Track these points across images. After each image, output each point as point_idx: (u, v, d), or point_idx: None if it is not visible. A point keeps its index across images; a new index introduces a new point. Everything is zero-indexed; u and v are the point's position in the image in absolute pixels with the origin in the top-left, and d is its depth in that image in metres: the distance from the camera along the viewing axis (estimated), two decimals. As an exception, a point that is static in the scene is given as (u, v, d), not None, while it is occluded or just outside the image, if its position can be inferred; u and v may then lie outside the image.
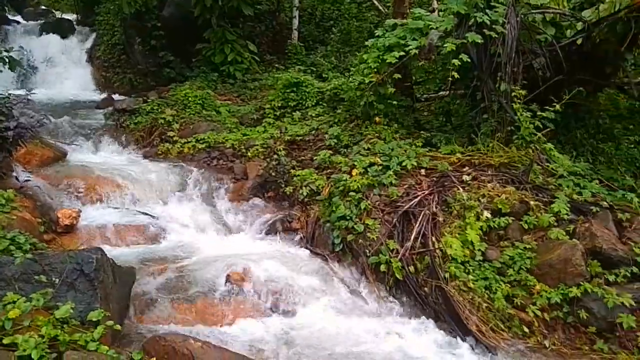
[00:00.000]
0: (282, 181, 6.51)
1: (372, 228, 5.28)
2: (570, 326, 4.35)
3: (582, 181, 5.76)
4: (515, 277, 4.63)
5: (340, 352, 3.99)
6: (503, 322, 4.39)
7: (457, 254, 4.85)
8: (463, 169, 5.94)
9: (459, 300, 4.50)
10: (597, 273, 4.51)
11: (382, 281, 4.98)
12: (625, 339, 4.19)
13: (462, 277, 4.68)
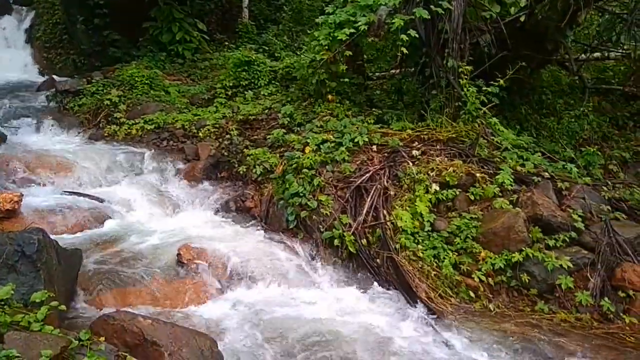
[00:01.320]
0: (235, 161, 6.45)
1: (325, 204, 5.33)
2: (513, 289, 4.57)
3: (525, 154, 6.01)
4: (462, 246, 4.81)
5: (297, 325, 4.03)
6: (451, 288, 4.57)
7: (407, 226, 4.98)
8: (413, 144, 6.07)
9: (409, 269, 4.64)
10: (538, 239, 4.74)
11: (336, 255, 5.06)
12: (564, 299, 4.45)
13: (412, 247, 4.82)
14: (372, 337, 3.97)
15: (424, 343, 3.94)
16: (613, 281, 4.45)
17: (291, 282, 4.59)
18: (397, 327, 4.15)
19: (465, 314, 4.32)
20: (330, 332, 3.95)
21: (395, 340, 3.94)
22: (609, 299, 4.32)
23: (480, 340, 3.96)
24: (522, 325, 4.17)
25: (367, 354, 3.75)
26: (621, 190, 5.92)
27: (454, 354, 3.81)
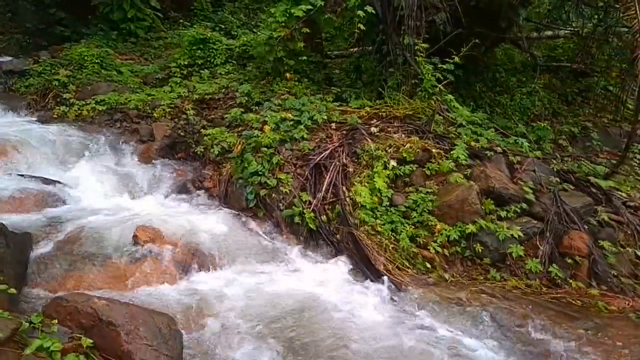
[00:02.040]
0: (192, 141, 6.34)
1: (284, 182, 5.33)
2: (467, 259, 4.73)
3: (479, 129, 6.17)
4: (419, 219, 4.92)
5: (259, 302, 4.03)
6: (408, 260, 4.68)
7: (366, 201, 5.05)
8: (371, 121, 6.13)
9: (367, 243, 4.71)
10: (490, 210, 4.91)
11: (297, 232, 5.08)
12: (515, 267, 4.63)
13: (370, 222, 4.89)
14: (334, 310, 4.02)
15: (383, 314, 4.03)
16: (561, 248, 4.66)
17: (251, 261, 4.59)
18: (357, 299, 4.22)
19: (422, 285, 4.43)
20: (292, 308, 3.98)
21: (356, 312, 4.01)
22: (557, 266, 4.54)
23: (436, 309, 4.08)
24: (476, 293, 4.31)
25: (329, 326, 3.80)
26: (569, 163, 6.20)
27: (412, 323, 3.92)
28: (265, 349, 3.45)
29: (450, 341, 3.63)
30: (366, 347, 3.55)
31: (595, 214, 5.01)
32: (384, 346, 3.58)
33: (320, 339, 3.57)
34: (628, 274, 4.58)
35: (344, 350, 3.49)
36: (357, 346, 3.56)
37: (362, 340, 3.64)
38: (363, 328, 3.80)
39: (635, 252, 4.78)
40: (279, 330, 3.65)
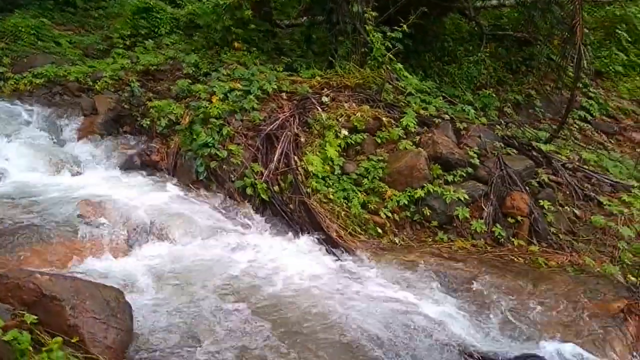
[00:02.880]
0: (137, 114, 6.13)
1: (235, 153, 5.26)
2: (416, 223, 4.87)
3: (428, 98, 6.28)
4: (370, 186, 5.01)
5: (211, 275, 3.99)
6: (360, 226, 4.76)
7: (318, 170, 5.08)
8: (322, 91, 6.11)
9: (320, 211, 4.76)
10: (438, 175, 5.05)
11: (249, 203, 5.05)
12: (461, 229, 4.82)
13: (323, 190, 4.93)
14: (288, 278, 4.04)
15: (337, 279, 4.09)
16: (503, 209, 4.88)
17: (203, 233, 4.52)
18: (310, 267, 4.26)
19: (373, 249, 4.54)
20: (245, 278, 3.98)
21: (310, 279, 4.04)
22: (500, 225, 4.74)
23: (388, 272, 4.18)
24: (425, 255, 4.46)
25: (284, 294, 3.83)
26: (513, 129, 6.44)
27: (365, 287, 4.00)
28: (222, 319, 3.43)
29: (401, 300, 3.74)
30: (321, 311, 3.61)
31: (536, 175, 5.24)
32: (339, 310, 3.65)
33: (274, 305, 3.60)
34: (566, 231, 4.85)
35: (299, 315, 3.53)
36: (312, 311, 3.61)
37: (317, 305, 3.68)
38: (318, 294, 3.84)
39: (573, 211, 5.06)
40: (234, 299, 3.64)
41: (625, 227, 4.81)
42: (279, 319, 3.46)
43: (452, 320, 3.56)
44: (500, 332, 3.55)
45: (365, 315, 3.56)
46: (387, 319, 3.48)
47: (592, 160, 6.05)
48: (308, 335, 3.33)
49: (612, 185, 5.55)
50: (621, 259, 4.53)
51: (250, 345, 3.13)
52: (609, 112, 7.92)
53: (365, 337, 3.29)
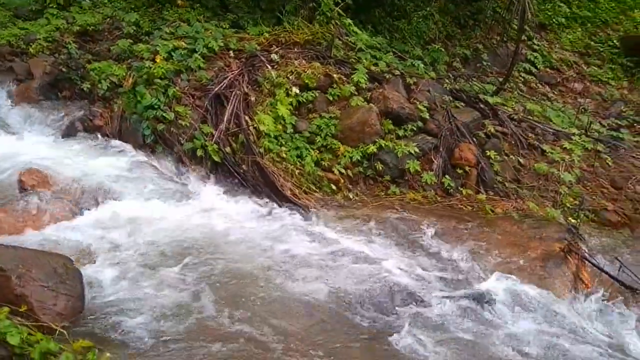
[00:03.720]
0: (76, 77, 5.79)
1: (183, 114, 5.11)
2: (369, 178, 4.94)
3: (378, 54, 6.26)
4: (323, 143, 5.01)
5: (163, 237, 3.93)
6: (314, 184, 4.79)
7: (270, 129, 5.02)
8: (271, 48, 5.96)
9: (273, 170, 4.73)
10: (389, 130, 5.10)
11: (200, 166, 4.95)
12: (412, 181, 4.92)
13: (275, 149, 4.90)
14: (240, 239, 4.03)
15: (293, 236, 4.12)
16: (452, 160, 5.01)
17: (152, 197, 4.42)
18: (266, 225, 4.27)
19: (328, 205, 4.58)
20: (197, 240, 3.94)
21: (265, 237, 4.05)
22: (449, 176, 4.88)
23: (343, 226, 4.25)
24: (379, 208, 4.56)
25: (238, 254, 3.82)
26: (461, 83, 6.53)
27: (321, 241, 4.04)
28: (174, 281, 3.40)
29: (356, 251, 3.82)
30: (280, 268, 3.64)
31: (483, 127, 5.39)
32: (294, 265, 3.69)
33: (225, 264, 3.60)
34: (511, 179, 5.05)
35: (252, 274, 3.55)
36: (266, 268, 3.63)
37: (275, 263, 3.71)
38: (272, 251, 3.87)
39: (518, 159, 5.25)
40: (185, 262, 3.60)
41: (566, 172, 5.07)
42: (231, 278, 3.46)
43: (403, 266, 3.68)
44: (448, 274, 3.71)
45: (320, 268, 3.63)
46: (341, 271, 3.56)
47: (536, 111, 6.26)
48: (261, 293, 3.35)
49: (554, 133, 5.79)
50: (562, 202, 4.78)
51: (200, 306, 3.12)
52: (553, 64, 8.15)
53: (319, 288, 3.37)
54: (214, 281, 3.41)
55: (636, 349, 3.24)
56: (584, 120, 6.27)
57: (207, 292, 3.24)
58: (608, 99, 7.58)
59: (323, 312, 3.18)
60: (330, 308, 3.22)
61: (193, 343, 2.79)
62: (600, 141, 5.74)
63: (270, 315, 3.10)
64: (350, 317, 3.18)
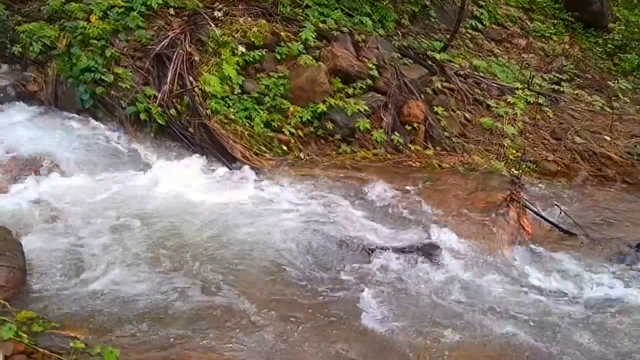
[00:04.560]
0: (6, 40, 5.38)
1: (123, 77, 4.87)
2: (320, 138, 4.93)
3: (326, 11, 6.12)
4: (272, 104, 4.93)
5: (108, 204, 3.81)
6: (265, 145, 4.73)
7: (217, 90, 4.88)
8: (214, 4, 5.72)
9: (222, 133, 4.63)
10: (339, 88, 5.08)
11: (145, 130, 4.77)
12: (363, 140, 4.95)
13: (223, 111, 4.78)
14: (189, 203, 3.95)
15: (243, 196, 4.09)
16: (401, 118, 5.06)
17: (95, 164, 4.26)
18: (217, 187, 4.21)
19: (280, 167, 4.55)
20: (145, 204, 3.85)
21: (213, 200, 4.00)
22: (398, 134, 4.94)
23: (294, 185, 4.25)
24: (330, 167, 4.58)
25: (190, 219, 3.76)
26: (409, 40, 6.52)
27: (271, 201, 4.04)
28: (119, 248, 3.32)
29: (306, 209, 3.85)
30: (228, 231, 3.62)
31: (431, 83, 5.45)
32: (247, 226, 3.68)
33: (176, 228, 3.55)
34: (458, 134, 5.17)
35: (204, 237, 3.52)
36: (218, 231, 3.60)
37: (227, 226, 3.68)
38: (223, 214, 3.83)
39: (464, 115, 5.37)
40: (131, 228, 3.51)
41: (510, 126, 5.23)
42: (178, 240, 3.42)
43: (353, 222, 3.75)
44: (396, 228, 3.80)
45: (274, 227, 3.63)
46: (295, 229, 3.59)
47: (482, 67, 6.37)
48: (210, 251, 3.34)
49: (499, 88, 5.93)
50: (506, 155, 4.96)
51: (145, 269, 3.07)
52: (498, 20, 8.27)
53: (268, 245, 3.39)
54: (160, 244, 3.36)
55: (574, 292, 3.44)
56: (527, 75, 6.45)
57: (154, 255, 3.19)
58: (550, 54, 7.81)
59: (270, 267, 3.20)
60: (278, 264, 3.24)
61: (138, 308, 2.75)
62: (542, 95, 5.94)
63: (217, 273, 3.09)
64: (298, 273, 3.22)
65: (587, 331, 2.99)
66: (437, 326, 2.90)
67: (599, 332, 3.00)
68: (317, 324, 2.83)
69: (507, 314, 3.05)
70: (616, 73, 7.63)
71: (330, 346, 2.69)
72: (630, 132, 5.73)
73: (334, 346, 2.69)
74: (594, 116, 5.90)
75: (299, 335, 2.70)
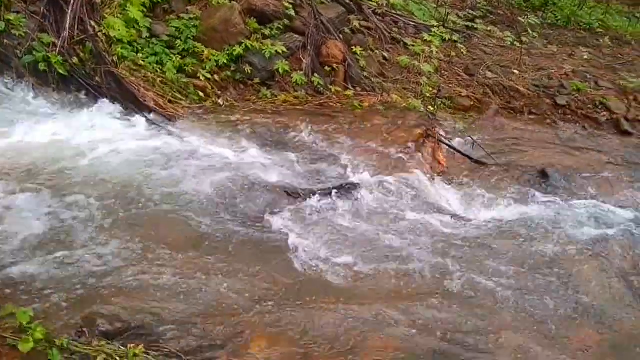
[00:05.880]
0: None
1: (16, 24, 4.40)
2: (239, 83, 4.79)
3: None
4: (184, 47, 4.69)
5: (11, 159, 3.53)
6: (180, 92, 4.53)
7: (122, 35, 4.56)
8: (113, -59, 5.23)
9: (131, 80, 4.37)
10: (255, 29, 4.90)
11: (46, 81, 4.38)
12: (283, 83, 4.87)
13: (131, 57, 4.50)
14: (102, 155, 3.72)
15: (158, 148, 3.91)
16: (321, 58, 5.01)
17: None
18: (127, 137, 3.98)
19: (197, 113, 4.40)
20: (53, 161, 3.59)
21: (127, 151, 3.79)
22: (318, 75, 4.90)
23: (213, 132, 4.14)
24: (249, 113, 4.48)
25: (100, 171, 3.56)
26: (326, -23, 6.32)
27: (189, 149, 3.89)
28: (32, 204, 3.12)
29: (226, 155, 3.79)
30: (145, 180, 3.49)
31: (349, 23, 5.39)
32: (165, 176, 3.55)
33: (91, 181, 3.37)
34: (377, 73, 5.21)
35: (120, 190, 3.37)
36: (136, 182, 3.46)
37: (143, 176, 3.53)
38: (139, 164, 3.66)
39: (382, 54, 5.40)
40: (42, 186, 3.30)
41: (426, 64, 5.34)
42: (100, 195, 3.26)
43: (276, 168, 3.76)
44: (319, 169, 3.86)
45: (189, 174, 3.54)
46: (215, 177, 3.52)
47: (399, 5, 6.36)
48: (129, 204, 3.21)
49: (416, 27, 5.99)
50: (423, 92, 5.08)
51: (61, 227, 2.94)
52: (415, -42, 8.22)
53: (190, 194, 3.32)
54: (77, 200, 3.18)
55: (484, 216, 3.69)
56: (442, 12, 6.54)
57: (64, 206, 3.04)
58: (465, -9, 7.93)
59: (194, 217, 3.15)
60: (201, 212, 3.19)
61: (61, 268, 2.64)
62: (456, 32, 6.07)
63: (138, 225, 3.01)
64: (224, 219, 3.19)
65: (492, 250, 3.25)
66: (357, 257, 3.03)
67: (503, 250, 3.26)
68: (241, 266, 2.85)
69: (421, 240, 3.25)
70: (526, 9, 7.92)
71: (255, 285, 2.74)
72: (537, 65, 6.04)
73: (259, 284, 2.75)
74: (504, 51, 6.14)
75: (223, 278, 2.71)
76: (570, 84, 5.58)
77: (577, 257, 3.31)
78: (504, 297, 2.88)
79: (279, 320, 2.51)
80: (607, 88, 5.66)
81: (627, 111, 5.34)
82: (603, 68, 6.18)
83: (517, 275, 3.07)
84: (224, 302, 2.58)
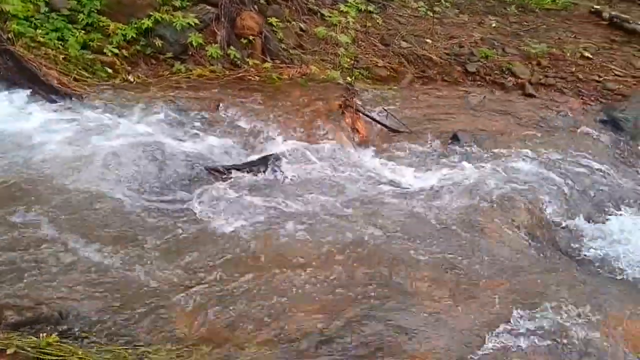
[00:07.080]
0: None
1: None
2: (150, 57, 4.61)
3: None
4: (88, 21, 4.45)
5: None
6: (86, 69, 4.29)
7: (18, 10, 4.25)
8: None
9: (31, 58, 4.07)
10: (164, 1, 4.71)
11: None
12: (197, 56, 4.74)
13: (29, 33, 4.21)
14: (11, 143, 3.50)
15: (69, 129, 3.69)
16: (236, 30, 4.90)
17: None
18: (34, 123, 3.73)
19: (105, 91, 4.18)
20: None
21: (36, 135, 3.57)
22: (234, 48, 4.80)
23: (123, 111, 3.95)
24: (164, 89, 4.33)
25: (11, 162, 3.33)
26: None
27: (98, 130, 3.70)
28: None
29: (138, 134, 3.65)
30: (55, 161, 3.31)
31: (264, -7, 5.29)
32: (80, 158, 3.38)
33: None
34: (294, 45, 5.19)
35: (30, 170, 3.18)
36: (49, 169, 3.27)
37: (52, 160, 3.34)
38: (49, 149, 3.46)
39: (300, 25, 5.37)
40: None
41: (343, 35, 5.38)
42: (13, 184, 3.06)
43: (194, 145, 3.68)
44: (242, 146, 3.84)
45: (112, 156, 3.39)
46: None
47: (315, -26, 6.32)
48: (45, 190, 3.05)
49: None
50: (340, 64, 5.13)
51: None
52: None
53: (102, 178, 3.19)
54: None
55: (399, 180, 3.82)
56: (358, -18, 6.57)
57: None
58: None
59: (106, 198, 3.04)
60: (112, 193, 3.08)
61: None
62: (372, 2, 6.14)
63: (43, 209, 2.86)
64: (140, 202, 3.10)
65: (410, 212, 3.39)
66: (280, 226, 3.04)
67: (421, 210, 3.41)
68: (164, 244, 2.80)
69: (341, 205, 3.32)
70: (439, -21, 8.13)
71: (180, 261, 2.70)
72: (449, 34, 6.26)
73: (183, 259, 2.71)
74: (418, 21, 6.31)
75: (139, 261, 2.65)
76: (479, 51, 5.84)
77: (485, 212, 3.52)
78: (418, 251, 2.99)
79: (200, 299, 2.49)
80: (513, 54, 5.99)
81: (531, 75, 5.68)
82: (509, 35, 6.52)
83: (432, 233, 3.22)
84: (143, 286, 2.52)
